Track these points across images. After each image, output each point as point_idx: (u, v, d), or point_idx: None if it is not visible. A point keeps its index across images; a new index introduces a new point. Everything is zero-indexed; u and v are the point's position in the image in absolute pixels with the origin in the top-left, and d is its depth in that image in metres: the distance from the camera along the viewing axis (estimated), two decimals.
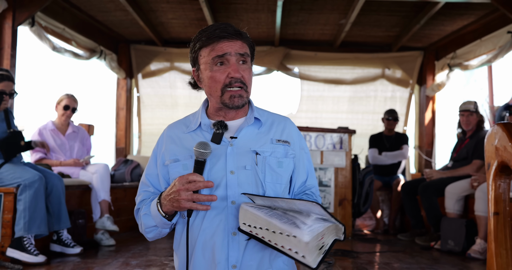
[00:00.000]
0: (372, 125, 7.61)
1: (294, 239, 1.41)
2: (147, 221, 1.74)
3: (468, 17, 6.15)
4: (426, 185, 5.11)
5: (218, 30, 1.71)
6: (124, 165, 6.51)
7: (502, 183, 1.48)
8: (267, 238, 1.50)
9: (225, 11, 6.23)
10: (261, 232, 1.50)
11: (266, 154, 1.73)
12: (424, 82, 7.49)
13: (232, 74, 1.70)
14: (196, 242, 1.66)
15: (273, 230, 1.47)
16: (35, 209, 3.74)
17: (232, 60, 1.70)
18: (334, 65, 7.63)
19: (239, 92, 1.71)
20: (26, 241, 3.67)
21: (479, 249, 4.26)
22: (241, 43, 1.73)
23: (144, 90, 7.67)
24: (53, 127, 4.92)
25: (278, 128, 1.82)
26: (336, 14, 6.23)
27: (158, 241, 5.19)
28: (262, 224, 1.50)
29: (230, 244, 1.64)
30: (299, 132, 1.88)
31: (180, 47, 7.44)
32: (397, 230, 6.30)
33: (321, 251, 1.44)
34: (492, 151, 1.48)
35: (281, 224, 1.44)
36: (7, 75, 4.00)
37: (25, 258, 3.63)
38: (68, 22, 5.92)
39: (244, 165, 1.69)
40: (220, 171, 1.68)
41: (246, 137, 1.76)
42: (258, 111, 1.84)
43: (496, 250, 1.44)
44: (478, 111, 5.16)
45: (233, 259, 1.63)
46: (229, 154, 1.70)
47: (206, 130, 1.78)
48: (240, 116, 1.81)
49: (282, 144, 1.77)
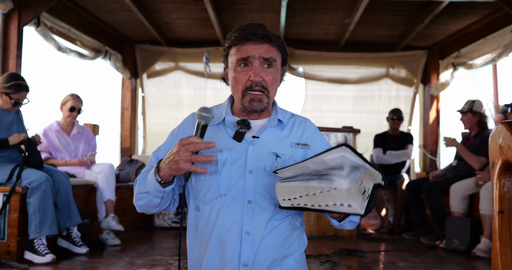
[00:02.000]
0: (377, 124, 7.60)
1: (335, 191, 1.38)
2: (140, 186, 1.73)
3: (472, 16, 6.14)
4: (431, 184, 5.11)
5: (247, 31, 1.70)
6: (129, 165, 6.52)
7: (507, 181, 1.49)
8: (309, 203, 1.47)
9: (229, 11, 6.24)
10: (302, 200, 1.48)
11: (286, 157, 1.72)
12: (428, 81, 7.48)
13: (252, 77, 1.69)
14: (210, 237, 1.67)
15: (313, 192, 1.44)
16: (44, 210, 3.79)
17: (255, 63, 1.69)
18: (338, 64, 7.63)
19: (259, 96, 1.71)
20: (36, 243, 3.74)
21: (484, 248, 4.25)
22: (268, 46, 1.70)
23: (149, 90, 7.68)
24: (58, 128, 4.93)
25: (298, 131, 1.82)
26: (340, 14, 6.23)
27: (164, 240, 5.21)
28: (300, 192, 1.47)
29: (243, 243, 1.64)
30: (318, 133, 1.86)
31: (185, 47, 7.46)
32: (402, 229, 6.29)
33: (364, 196, 1.42)
34: (496, 150, 1.48)
35: (318, 183, 1.41)
36: (25, 86, 4.07)
37: (35, 259, 3.70)
38: (74, 22, 5.94)
39: (264, 166, 1.69)
40: (240, 170, 1.68)
41: (267, 138, 1.75)
42: (281, 113, 1.83)
43: (501, 249, 1.45)
44: (474, 111, 5.14)
45: (245, 258, 1.64)
46: (250, 153, 1.70)
47: (229, 126, 1.78)
48: (264, 116, 1.81)
49: (301, 147, 1.77)
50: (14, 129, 4.09)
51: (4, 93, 4.03)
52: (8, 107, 4.08)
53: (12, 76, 4.07)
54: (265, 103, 1.72)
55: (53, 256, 3.72)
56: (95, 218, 4.76)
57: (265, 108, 1.74)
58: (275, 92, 1.76)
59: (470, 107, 5.14)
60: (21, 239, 3.76)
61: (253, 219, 1.65)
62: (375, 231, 6.31)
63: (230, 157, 1.69)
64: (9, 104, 4.06)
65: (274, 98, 1.82)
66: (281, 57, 1.76)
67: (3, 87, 4.01)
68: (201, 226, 1.71)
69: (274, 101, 1.85)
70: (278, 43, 1.73)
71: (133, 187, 1.81)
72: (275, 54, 1.72)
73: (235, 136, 1.73)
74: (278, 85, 1.78)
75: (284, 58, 1.79)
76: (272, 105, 1.84)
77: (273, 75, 1.72)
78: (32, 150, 4.01)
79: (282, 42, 1.77)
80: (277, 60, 1.73)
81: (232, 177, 1.68)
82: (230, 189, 1.67)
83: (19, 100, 4.08)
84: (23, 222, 3.80)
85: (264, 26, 1.73)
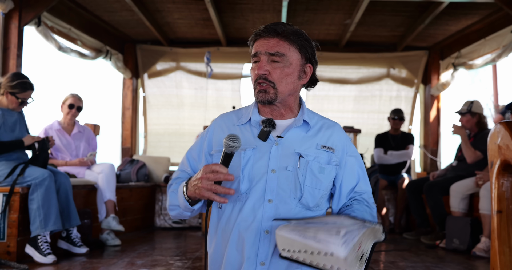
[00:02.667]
0: (378, 124, 7.61)
1: (332, 257, 1.39)
2: (172, 198, 1.79)
3: (472, 17, 6.14)
4: (431, 184, 5.12)
5: (263, 29, 1.74)
6: (130, 165, 6.53)
7: (505, 181, 1.49)
8: (308, 260, 1.48)
9: (231, 11, 6.24)
10: (301, 255, 1.49)
11: (310, 158, 1.73)
12: (429, 81, 7.48)
13: (256, 70, 1.73)
14: (231, 234, 1.69)
15: (311, 251, 1.44)
16: (49, 205, 3.79)
17: (263, 58, 1.73)
18: (339, 64, 7.64)
19: (264, 88, 1.73)
20: (40, 239, 3.73)
21: (484, 248, 4.26)
22: (277, 41, 1.72)
23: (150, 90, 7.69)
24: (59, 127, 4.94)
25: (326, 133, 1.81)
26: (341, 14, 6.23)
27: (164, 240, 5.22)
28: (299, 247, 1.48)
29: (261, 241, 1.65)
30: (347, 139, 1.85)
31: (186, 47, 7.46)
32: (402, 228, 6.30)
33: (362, 260, 1.42)
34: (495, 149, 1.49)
35: (316, 243, 1.42)
36: (30, 84, 4.08)
37: (36, 257, 3.69)
38: (74, 22, 5.94)
39: (286, 166, 1.70)
40: (262, 168, 1.70)
41: (292, 138, 1.76)
42: (308, 114, 1.84)
43: (500, 248, 1.45)
44: (473, 112, 5.13)
45: (262, 256, 1.65)
46: (273, 153, 1.72)
47: (255, 125, 1.80)
48: (290, 116, 1.82)
49: (327, 150, 1.77)
50: (17, 130, 4.10)
51: (10, 93, 4.03)
52: (14, 107, 4.09)
53: (16, 76, 4.08)
54: (272, 95, 1.73)
55: (54, 258, 3.72)
56: (96, 218, 4.77)
57: (273, 99, 1.74)
58: (287, 86, 1.75)
59: (468, 108, 5.14)
60: (21, 239, 3.77)
61: (273, 218, 1.66)
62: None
63: (254, 156, 1.72)
64: (15, 103, 4.07)
65: (299, 96, 1.85)
66: (299, 52, 1.76)
67: (8, 86, 4.01)
68: (223, 224, 1.73)
69: (302, 102, 1.87)
70: (292, 38, 1.73)
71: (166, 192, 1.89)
72: (285, 48, 1.72)
73: (260, 135, 1.75)
74: (292, 80, 1.76)
75: (307, 55, 1.78)
76: (299, 106, 1.86)
77: (281, 69, 1.73)
78: (43, 150, 4.03)
79: (303, 38, 1.76)
80: (287, 54, 1.72)
81: (254, 176, 1.70)
82: (251, 188, 1.69)
83: (25, 99, 4.09)
84: (23, 222, 3.80)
85: (286, 24, 1.76)
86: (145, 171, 6.46)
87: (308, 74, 1.81)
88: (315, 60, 1.84)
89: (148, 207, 6.36)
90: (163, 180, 6.69)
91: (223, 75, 7.62)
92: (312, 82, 1.88)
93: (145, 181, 6.42)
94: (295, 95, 1.82)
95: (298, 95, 1.85)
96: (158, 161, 6.95)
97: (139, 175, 6.37)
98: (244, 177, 1.70)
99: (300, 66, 1.78)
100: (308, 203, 1.71)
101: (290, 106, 1.81)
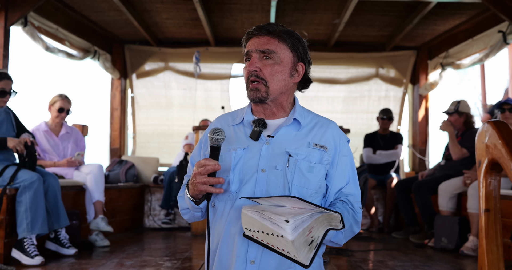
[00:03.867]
0: (367, 124, 7.64)
1: (282, 239, 1.40)
2: (181, 203, 1.85)
3: (460, 17, 6.19)
4: (420, 183, 5.14)
5: (255, 28, 1.78)
6: (119, 165, 6.50)
7: (493, 180, 1.50)
8: (265, 241, 1.50)
9: (219, 11, 6.23)
10: (260, 235, 1.50)
11: (300, 157, 1.73)
12: (417, 81, 7.53)
13: (247, 67, 1.75)
14: (222, 232, 1.71)
15: (267, 231, 1.46)
16: (36, 209, 3.76)
17: (254, 55, 1.75)
18: (328, 64, 7.66)
19: (255, 86, 1.75)
20: (26, 242, 3.69)
21: (472, 246, 4.29)
22: (268, 39, 1.75)
23: (139, 90, 7.66)
24: (46, 128, 4.90)
25: (319, 131, 1.80)
26: (329, 14, 6.25)
27: (153, 241, 5.20)
28: (258, 227, 1.50)
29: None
30: (342, 138, 1.83)
31: (175, 47, 7.44)
32: (391, 228, 6.33)
33: (312, 246, 1.42)
34: (482, 148, 1.50)
35: (271, 224, 1.43)
36: (5, 73, 4.05)
37: (23, 260, 3.65)
38: (62, 22, 5.90)
39: (276, 165, 1.71)
40: (252, 168, 1.72)
41: (283, 137, 1.77)
42: (301, 113, 1.83)
43: (487, 247, 1.46)
44: (460, 111, 5.17)
45: (252, 254, 1.66)
46: (264, 152, 1.73)
47: (248, 126, 1.81)
48: (283, 115, 1.83)
49: (319, 149, 1.76)
50: (3, 129, 4.06)
51: None
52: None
53: None
54: (263, 93, 1.74)
55: (42, 259, 3.68)
56: (84, 219, 4.73)
57: (264, 97, 1.75)
58: (278, 84, 1.76)
59: (456, 108, 5.18)
60: (8, 241, 3.72)
61: None
62: (365, 230, 6.34)
63: (245, 155, 1.74)
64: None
65: (293, 95, 1.86)
66: (290, 50, 1.78)
67: None
68: (216, 222, 1.75)
69: (295, 100, 1.87)
70: (282, 36, 1.76)
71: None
72: (276, 46, 1.75)
73: (251, 134, 1.77)
74: (283, 77, 1.76)
75: (298, 53, 1.80)
76: (293, 106, 1.85)
77: (272, 66, 1.74)
78: (31, 154, 3.99)
79: (294, 37, 1.79)
80: (278, 51, 1.74)
81: (245, 175, 1.72)
82: (241, 187, 1.71)
83: (4, 89, 4.03)
84: (10, 224, 3.76)
85: (279, 24, 1.79)
86: (134, 171, 6.43)
87: (300, 73, 1.82)
88: (308, 59, 1.85)
89: (137, 208, 6.33)
90: (152, 180, 6.66)
91: (212, 75, 7.61)
92: (305, 83, 1.89)
93: (134, 181, 6.39)
94: (288, 94, 1.82)
95: (291, 94, 1.85)
96: (147, 161, 6.93)
97: (128, 176, 6.34)
98: (235, 176, 1.72)
99: (291, 64, 1.78)
100: None
101: (282, 105, 1.82)
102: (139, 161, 6.84)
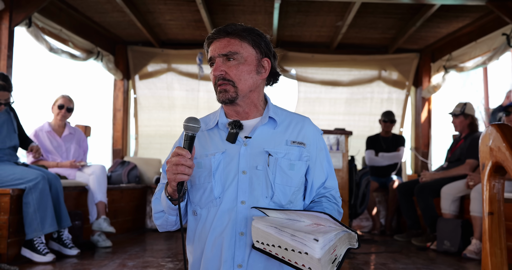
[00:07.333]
0: (369, 126, 7.63)
1: (306, 256, 1.40)
2: (156, 205, 1.79)
3: (464, 20, 6.18)
4: (422, 186, 5.13)
5: (214, 31, 1.77)
6: (121, 166, 6.51)
7: (497, 183, 1.49)
8: (280, 255, 1.49)
9: (222, 13, 6.24)
10: (274, 249, 1.50)
11: (279, 155, 1.72)
12: (420, 84, 7.52)
13: (213, 72, 1.75)
14: (207, 239, 1.69)
15: (285, 247, 1.46)
16: (45, 208, 3.82)
17: (217, 60, 1.75)
18: (331, 67, 7.65)
19: (223, 87, 1.73)
20: (36, 241, 3.76)
21: (475, 249, 4.28)
22: (228, 40, 1.74)
23: (141, 91, 7.66)
24: (49, 129, 4.91)
25: (295, 128, 1.81)
26: (332, 16, 6.25)
27: (155, 242, 5.20)
28: (274, 242, 1.49)
29: (237, 243, 1.65)
30: (317, 133, 1.84)
31: (178, 48, 7.45)
32: (393, 230, 6.32)
33: (334, 264, 1.44)
34: (486, 151, 1.49)
35: (292, 241, 1.43)
36: (2, 85, 4.01)
37: (35, 258, 3.73)
38: (65, 23, 5.91)
39: (256, 165, 1.70)
40: (233, 171, 1.70)
41: (260, 137, 1.76)
42: (275, 111, 1.83)
43: (491, 250, 1.46)
44: (466, 113, 5.18)
45: (239, 258, 1.65)
46: (242, 154, 1.72)
47: (223, 129, 1.79)
48: (256, 115, 1.82)
49: (297, 145, 1.76)
50: (4, 130, 4.07)
51: None
52: None
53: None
54: (232, 93, 1.73)
55: (53, 256, 3.79)
56: (87, 220, 4.74)
57: (233, 97, 1.74)
58: (246, 83, 1.75)
59: (462, 110, 5.18)
60: (11, 241, 3.74)
61: (247, 220, 1.66)
62: (367, 233, 6.33)
63: (224, 159, 1.71)
64: None
65: (263, 93, 1.84)
66: (253, 47, 1.76)
67: None
68: (199, 230, 1.73)
69: (267, 99, 1.86)
70: (242, 34, 1.75)
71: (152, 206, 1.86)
72: (237, 46, 1.74)
73: (228, 137, 1.75)
74: (250, 76, 1.76)
75: (261, 49, 1.78)
76: (265, 104, 1.85)
77: (236, 67, 1.73)
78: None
79: (254, 33, 1.77)
80: (240, 51, 1.73)
81: (226, 179, 1.70)
82: (224, 191, 1.69)
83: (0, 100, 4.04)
84: (13, 224, 3.77)
85: (237, 24, 1.78)
86: (136, 172, 6.44)
87: (267, 68, 1.81)
88: (273, 53, 1.84)
89: (139, 209, 6.33)
90: (154, 181, 6.66)
91: None
92: (274, 77, 1.87)
93: (136, 182, 6.39)
94: (257, 92, 1.81)
95: (261, 91, 1.84)
96: (149, 162, 6.93)
97: (130, 177, 6.35)
98: (216, 181, 1.70)
99: (256, 61, 1.77)
100: (281, 201, 1.71)
101: (254, 104, 1.80)
102: (141, 162, 6.84)
